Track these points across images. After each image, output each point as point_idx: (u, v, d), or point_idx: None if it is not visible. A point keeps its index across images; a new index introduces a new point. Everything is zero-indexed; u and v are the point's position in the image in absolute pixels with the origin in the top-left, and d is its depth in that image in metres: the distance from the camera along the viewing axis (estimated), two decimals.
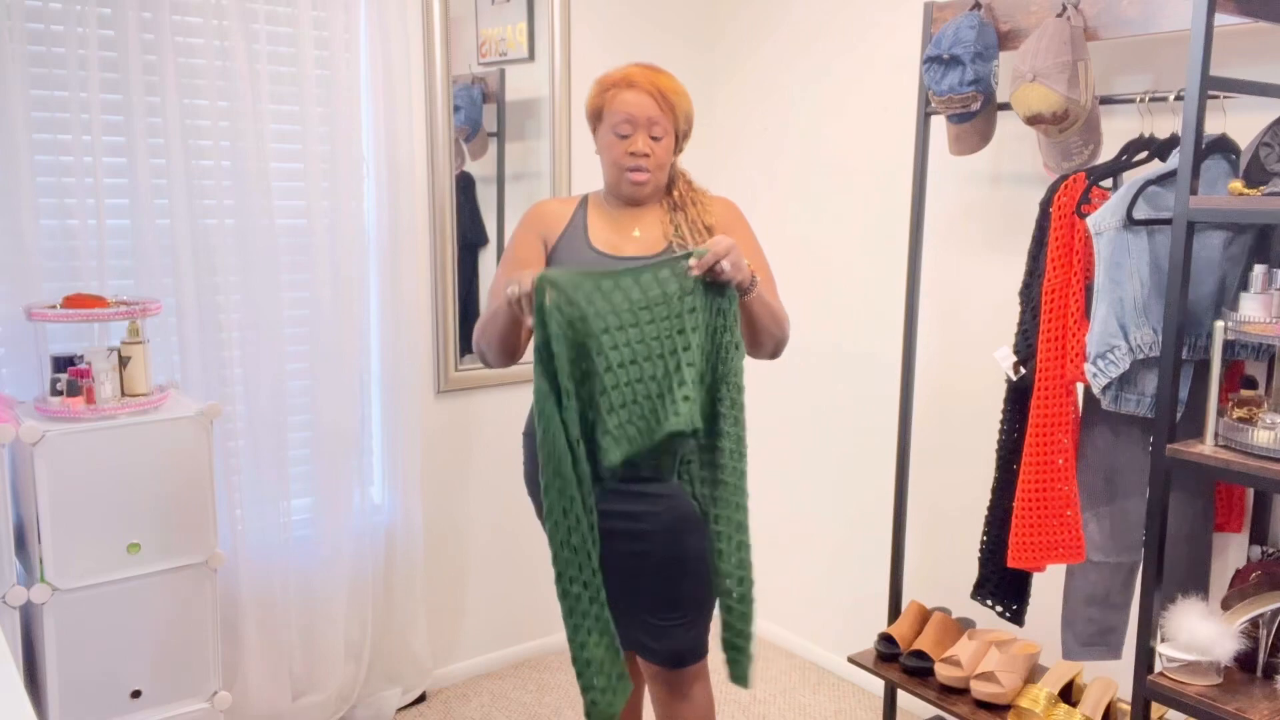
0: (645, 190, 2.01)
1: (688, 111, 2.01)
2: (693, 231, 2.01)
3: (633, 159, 1.96)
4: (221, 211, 2.44)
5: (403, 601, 2.87)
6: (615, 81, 1.97)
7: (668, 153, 1.99)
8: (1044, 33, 2.06)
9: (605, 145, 1.99)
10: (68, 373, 2.07)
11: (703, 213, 2.05)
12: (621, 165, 1.97)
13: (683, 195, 2.06)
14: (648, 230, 2.02)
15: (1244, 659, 1.84)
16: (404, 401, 2.77)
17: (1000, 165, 2.58)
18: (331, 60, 2.55)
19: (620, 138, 1.96)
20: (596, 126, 2.02)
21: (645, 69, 1.99)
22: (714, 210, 2.06)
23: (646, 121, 1.95)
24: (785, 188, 3.17)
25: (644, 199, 2.03)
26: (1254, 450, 1.71)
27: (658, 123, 1.96)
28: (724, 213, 2.08)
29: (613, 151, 1.98)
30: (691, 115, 2.03)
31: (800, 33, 3.06)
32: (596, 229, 2.03)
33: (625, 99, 1.95)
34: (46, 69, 2.20)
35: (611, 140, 1.97)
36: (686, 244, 1.97)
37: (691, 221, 2.03)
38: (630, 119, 1.95)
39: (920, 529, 2.75)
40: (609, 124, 1.97)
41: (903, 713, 2.78)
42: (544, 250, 2.04)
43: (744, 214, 2.10)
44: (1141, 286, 1.93)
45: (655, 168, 1.98)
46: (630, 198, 2.02)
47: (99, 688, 2.08)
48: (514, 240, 2.08)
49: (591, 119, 2.03)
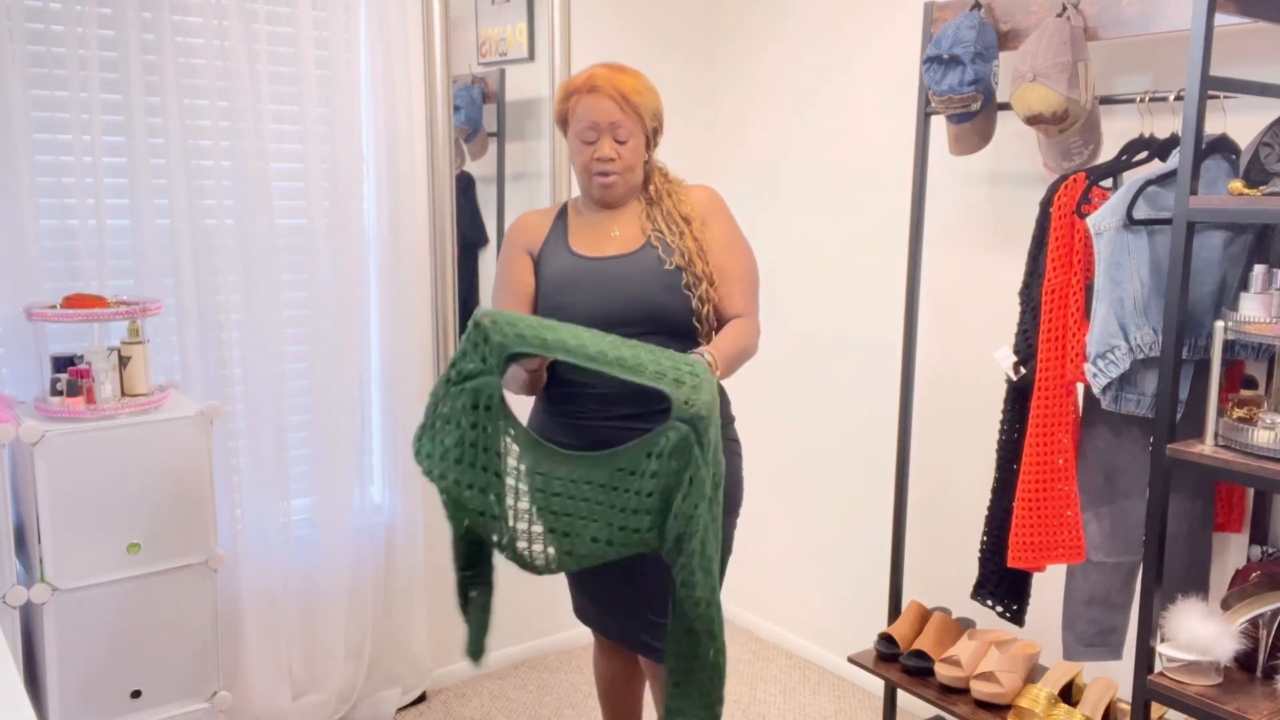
0: (616, 193, 2.02)
1: (655, 108, 2.02)
2: (668, 223, 2.02)
3: (600, 164, 1.98)
4: (221, 211, 2.44)
5: (403, 601, 2.87)
6: (577, 87, 1.98)
7: (635, 153, 2.00)
8: (1044, 33, 2.06)
9: (573, 151, 2.02)
10: (68, 373, 2.07)
11: (678, 204, 2.06)
12: (589, 170, 2.00)
13: (659, 189, 2.07)
14: (626, 228, 2.04)
15: (1244, 659, 1.84)
16: (404, 401, 2.77)
17: (1000, 165, 2.57)
18: (331, 60, 2.55)
19: (586, 144, 1.98)
20: (565, 132, 2.04)
21: (609, 70, 1.99)
22: (690, 200, 2.07)
23: (610, 126, 1.96)
24: (785, 188, 3.17)
25: (617, 201, 2.05)
26: (1254, 450, 1.71)
27: (621, 125, 1.96)
28: (702, 201, 2.08)
29: (580, 157, 2.00)
30: (660, 111, 2.04)
31: (801, 32, 3.06)
32: (576, 234, 2.06)
33: (587, 105, 1.96)
34: (46, 69, 2.20)
35: (578, 147, 2.00)
36: (664, 237, 1.99)
37: (667, 214, 2.04)
38: (594, 125, 1.96)
39: (920, 529, 2.75)
40: (574, 131, 1.99)
41: (903, 713, 2.78)
42: (531, 263, 2.07)
43: (725, 201, 2.12)
44: (1141, 286, 1.93)
45: (623, 170, 1.99)
46: (602, 201, 2.04)
47: (99, 688, 2.08)
48: (502, 259, 2.11)
49: (560, 125, 2.05)
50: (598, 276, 1.99)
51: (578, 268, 2.01)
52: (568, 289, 2.00)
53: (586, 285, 1.98)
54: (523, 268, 2.06)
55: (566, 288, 2.00)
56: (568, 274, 2.02)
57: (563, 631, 3.30)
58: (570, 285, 2.00)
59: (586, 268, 2.01)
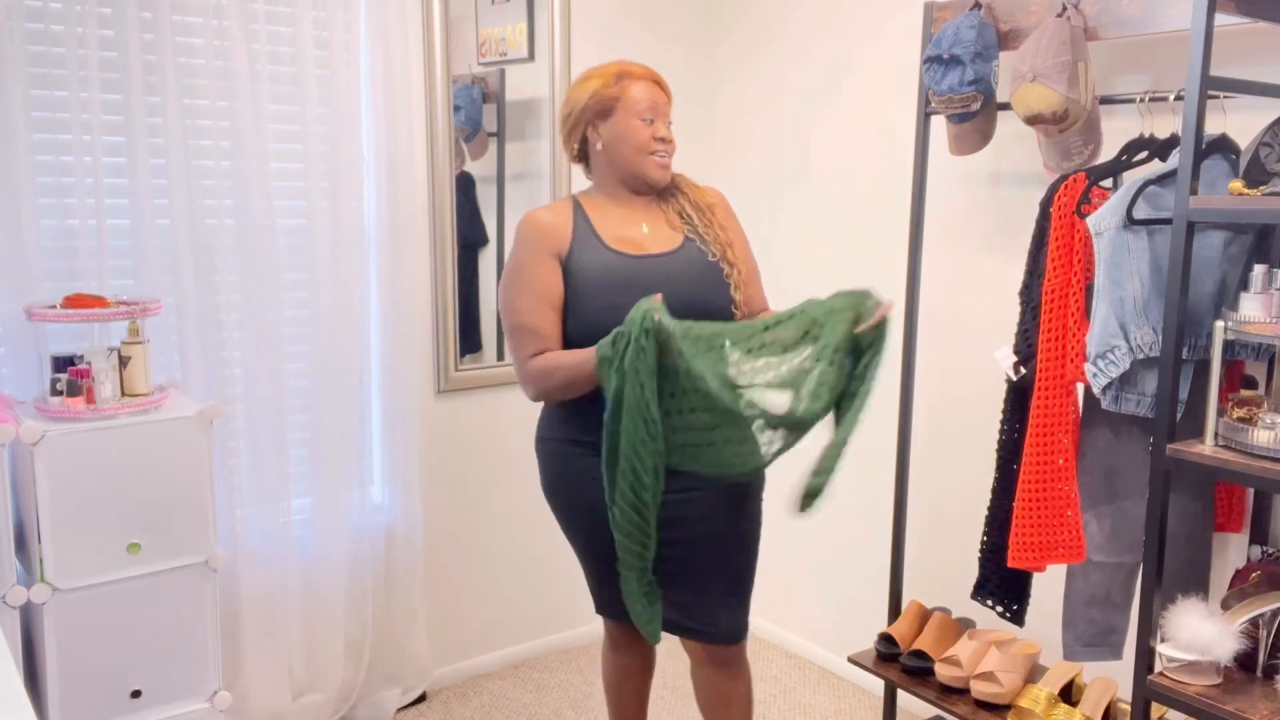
0: (667, 176, 2.05)
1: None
2: (697, 213, 2.06)
3: (661, 144, 2.00)
4: (221, 211, 2.44)
5: (403, 601, 2.87)
6: (626, 72, 2.00)
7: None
8: (1044, 33, 2.06)
9: (627, 131, 1.99)
10: (68, 373, 2.07)
11: (698, 194, 2.10)
12: (647, 150, 1.99)
13: (674, 183, 2.10)
14: (652, 224, 2.04)
15: (1244, 659, 1.84)
16: (404, 401, 2.77)
17: (1000, 165, 2.57)
18: (331, 60, 2.55)
19: (645, 123, 1.98)
20: (604, 118, 2.00)
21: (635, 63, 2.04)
22: (706, 193, 2.12)
23: (663, 110, 2.01)
24: (785, 188, 3.17)
25: (660, 185, 2.06)
26: (1254, 450, 1.71)
27: (666, 113, 2.02)
28: (718, 198, 2.15)
29: (638, 136, 1.99)
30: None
31: (801, 32, 3.06)
32: (606, 231, 2.02)
33: (642, 87, 1.99)
34: (46, 69, 2.20)
35: (636, 126, 1.98)
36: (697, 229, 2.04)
37: (694, 204, 2.08)
38: (652, 106, 1.99)
39: (920, 529, 2.75)
40: (631, 111, 1.98)
41: (903, 713, 2.78)
42: (559, 266, 1.98)
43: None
44: (1141, 286, 1.93)
45: (672, 155, 2.04)
46: (654, 184, 2.04)
47: (99, 688, 2.08)
48: (523, 264, 2.00)
49: (598, 111, 2.00)
50: (650, 276, 1.95)
51: (624, 266, 1.97)
52: (616, 288, 1.94)
53: (640, 285, 1.91)
54: (552, 274, 1.98)
55: (615, 287, 1.94)
56: (615, 273, 1.97)
57: (563, 631, 3.30)
58: (620, 285, 1.94)
59: (635, 266, 1.97)
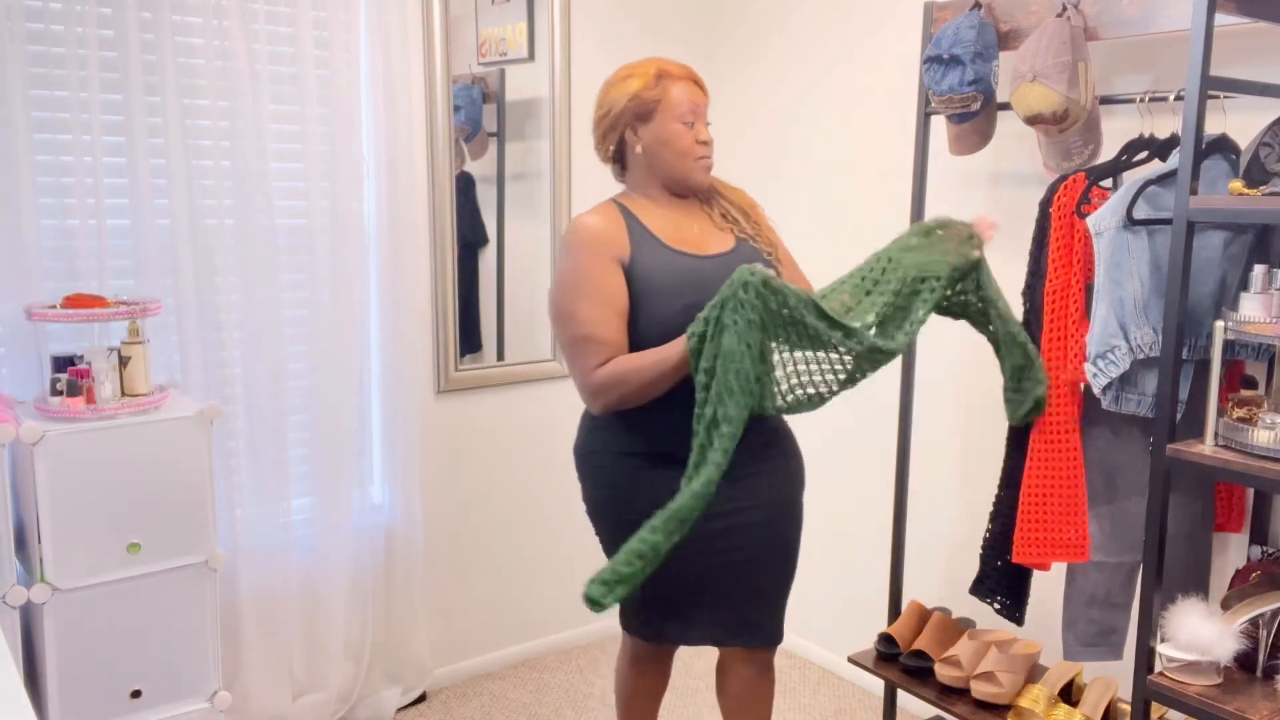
0: (710, 178, 2.05)
1: None
2: (741, 214, 2.07)
3: (704, 147, 1.99)
4: (221, 211, 2.44)
5: (403, 601, 2.87)
6: (666, 71, 1.96)
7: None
8: (1044, 33, 2.06)
9: (670, 136, 1.95)
10: (68, 373, 2.07)
11: (736, 195, 2.11)
12: (692, 154, 1.98)
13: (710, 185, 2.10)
14: (700, 224, 2.04)
15: (1244, 659, 1.84)
16: (404, 401, 2.77)
17: (1000, 165, 2.57)
18: (331, 60, 2.55)
19: (687, 125, 1.96)
20: (645, 121, 1.96)
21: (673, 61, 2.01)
22: (741, 194, 2.12)
23: (703, 111, 1.99)
24: (785, 188, 3.16)
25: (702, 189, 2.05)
26: (1254, 450, 1.71)
27: (705, 114, 2.00)
28: (753, 199, 2.15)
29: (682, 140, 1.96)
30: None
31: (801, 32, 3.06)
32: (663, 232, 1.98)
33: (683, 88, 1.96)
34: (46, 69, 2.20)
35: (678, 130, 1.95)
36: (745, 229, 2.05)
37: (735, 205, 2.08)
38: (694, 108, 1.96)
39: (920, 529, 2.75)
40: (673, 114, 1.95)
41: (903, 713, 2.78)
42: (621, 271, 1.94)
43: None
44: (1141, 286, 1.93)
45: (712, 156, 2.03)
46: (697, 188, 2.03)
47: (99, 688, 2.08)
48: (585, 271, 1.93)
49: (638, 114, 1.96)
50: (719, 275, 1.88)
51: (693, 267, 1.94)
52: (690, 288, 1.90)
53: (713, 284, 1.84)
54: (616, 280, 1.92)
55: (688, 287, 1.91)
56: (685, 274, 1.93)
57: (563, 631, 3.30)
58: (694, 285, 1.91)
59: (703, 266, 1.95)
